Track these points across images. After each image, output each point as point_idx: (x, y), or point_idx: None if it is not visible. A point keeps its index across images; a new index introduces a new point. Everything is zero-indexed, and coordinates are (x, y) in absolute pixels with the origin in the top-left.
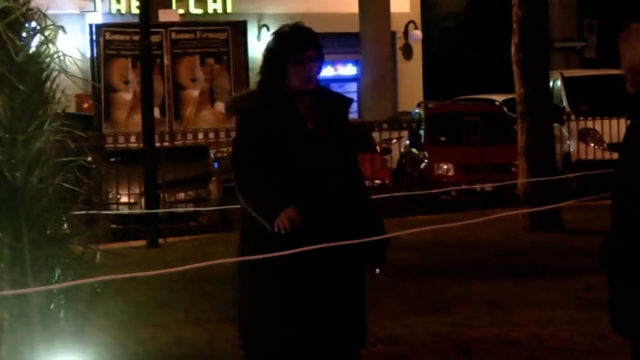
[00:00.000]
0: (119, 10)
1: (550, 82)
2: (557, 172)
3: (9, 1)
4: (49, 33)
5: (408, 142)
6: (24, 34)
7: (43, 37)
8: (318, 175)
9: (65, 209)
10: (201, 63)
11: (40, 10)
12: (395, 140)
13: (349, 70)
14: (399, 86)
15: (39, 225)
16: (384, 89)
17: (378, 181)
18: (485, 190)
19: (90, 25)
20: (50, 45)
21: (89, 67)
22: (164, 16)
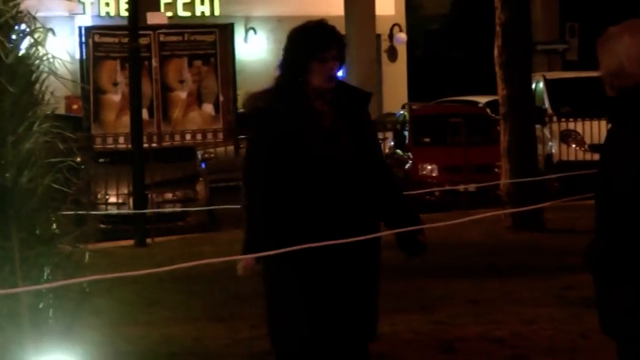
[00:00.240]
0: (108, 13)
1: (532, 84)
2: (539, 172)
3: None
4: (38, 35)
5: (392, 143)
6: (14, 36)
7: (32, 40)
8: (334, 173)
9: (54, 209)
10: (189, 65)
11: (30, 13)
12: (380, 141)
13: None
14: (383, 88)
15: (28, 225)
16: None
17: None
18: (469, 191)
19: (79, 28)
20: (40, 47)
21: (78, 69)
22: (152, 19)
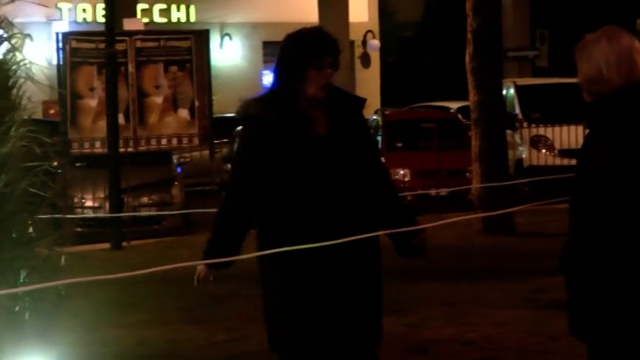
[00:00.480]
0: (85, 19)
1: (503, 90)
2: (509, 177)
3: None
4: (15, 41)
5: None
6: None
7: (10, 45)
8: (326, 180)
9: (31, 213)
10: (165, 70)
11: (7, 19)
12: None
13: None
14: (357, 93)
15: (5, 228)
16: None
17: None
18: (441, 195)
19: (56, 34)
20: (17, 53)
21: (55, 75)
22: (129, 25)
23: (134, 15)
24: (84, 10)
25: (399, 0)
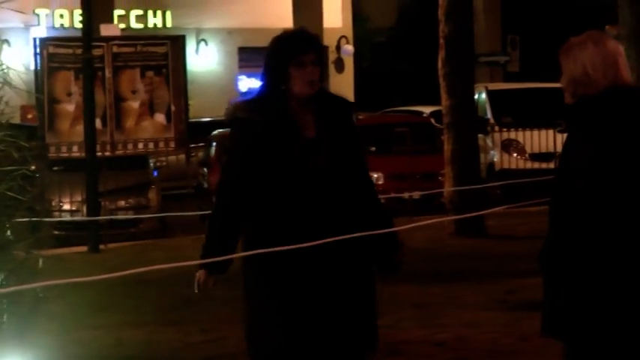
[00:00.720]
0: (62, 25)
1: (475, 95)
2: (481, 180)
3: None
4: None
5: None
6: None
7: None
8: (312, 184)
9: (9, 216)
10: (142, 75)
11: None
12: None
13: None
14: None
15: None
16: None
17: None
18: (414, 198)
19: (34, 39)
20: None
21: (33, 80)
22: (106, 31)
23: (111, 21)
24: (61, 16)
25: (372, 6)
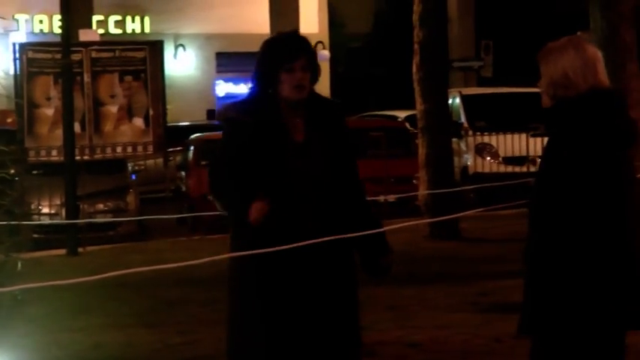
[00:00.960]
0: (42, 30)
1: (449, 100)
2: (455, 184)
3: None
4: None
5: None
6: None
7: None
8: (300, 187)
9: None
10: (120, 80)
11: None
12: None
13: None
14: None
15: None
16: None
17: None
18: (389, 201)
19: (13, 44)
20: None
21: (12, 84)
22: (85, 36)
23: (90, 26)
24: (41, 22)
25: (348, 12)
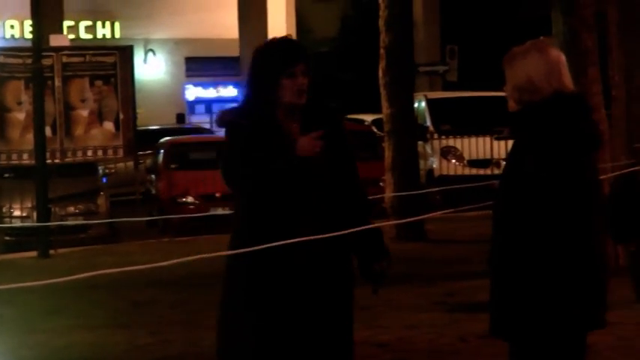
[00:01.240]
0: (13, 35)
1: (415, 103)
2: (421, 186)
3: None
4: None
5: None
6: None
7: None
8: (298, 192)
9: None
10: (91, 85)
11: None
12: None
13: (230, 92)
14: None
15: None
16: None
17: None
18: None
19: None
20: None
21: None
22: (55, 41)
23: (60, 31)
24: (12, 27)
25: (316, 17)
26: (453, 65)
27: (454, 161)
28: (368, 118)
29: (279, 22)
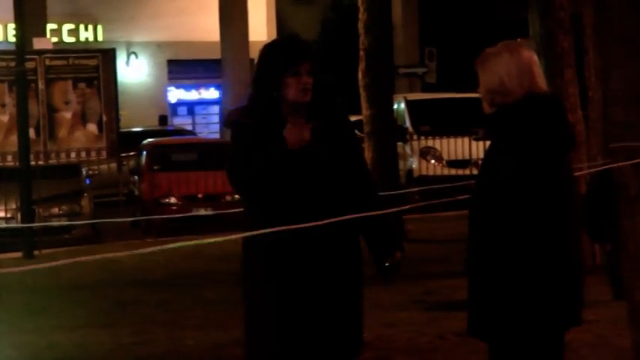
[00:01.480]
0: None
1: (394, 105)
2: (400, 186)
3: None
4: None
5: None
6: None
7: None
8: (306, 189)
9: None
10: (74, 87)
11: None
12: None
13: (212, 94)
14: None
15: None
16: None
17: (238, 196)
18: None
19: None
20: None
21: None
22: (38, 44)
23: (44, 35)
24: None
25: (296, 20)
26: (431, 67)
27: (433, 162)
28: None
29: (259, 26)
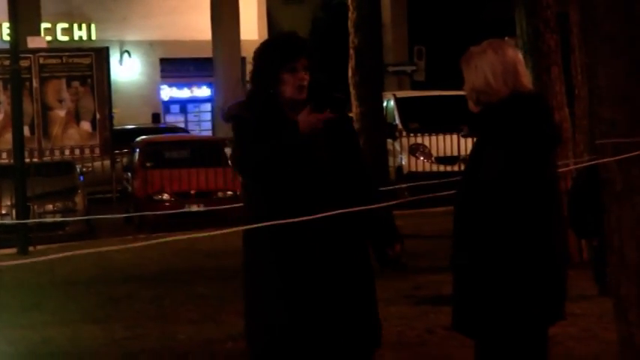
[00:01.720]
0: None
1: (384, 102)
2: (390, 182)
3: None
4: None
5: None
6: None
7: None
8: (307, 183)
9: None
10: (68, 85)
11: None
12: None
13: (204, 92)
14: None
15: None
16: None
17: (230, 192)
18: None
19: None
20: None
21: None
22: (32, 43)
23: (38, 33)
24: None
25: (287, 19)
26: (420, 65)
27: (422, 158)
28: None
29: (250, 25)
